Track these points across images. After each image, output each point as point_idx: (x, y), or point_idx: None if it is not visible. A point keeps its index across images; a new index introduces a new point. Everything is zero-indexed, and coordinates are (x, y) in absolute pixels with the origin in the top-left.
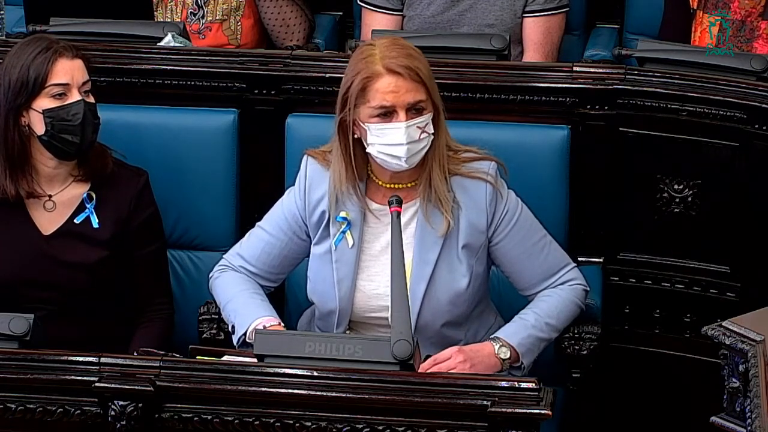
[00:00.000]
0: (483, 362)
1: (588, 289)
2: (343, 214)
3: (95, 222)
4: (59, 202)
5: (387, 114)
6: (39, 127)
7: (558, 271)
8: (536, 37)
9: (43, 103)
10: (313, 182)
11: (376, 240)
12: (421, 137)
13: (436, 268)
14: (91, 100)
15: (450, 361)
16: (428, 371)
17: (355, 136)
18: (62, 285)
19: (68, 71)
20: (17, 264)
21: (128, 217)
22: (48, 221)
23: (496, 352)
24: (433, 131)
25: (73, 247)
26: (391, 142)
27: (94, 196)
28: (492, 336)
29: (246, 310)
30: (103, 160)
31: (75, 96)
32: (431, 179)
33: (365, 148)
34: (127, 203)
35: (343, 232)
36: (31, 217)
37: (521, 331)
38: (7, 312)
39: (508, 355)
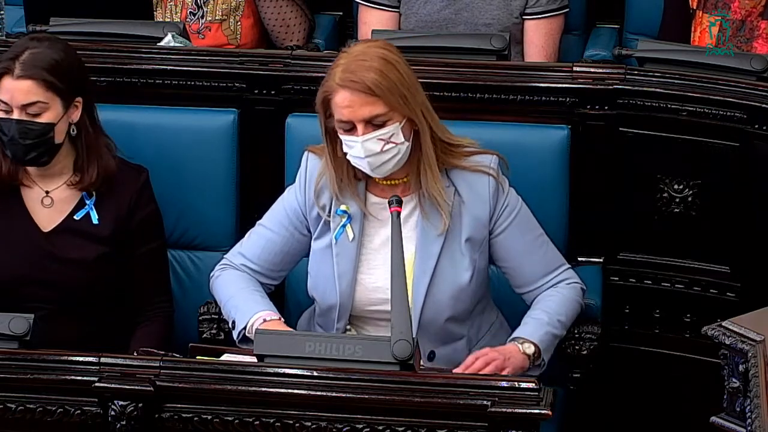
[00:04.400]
0: (514, 357)
1: (584, 288)
2: (343, 207)
3: (95, 218)
4: (57, 198)
5: (349, 129)
6: None
7: (555, 270)
8: (538, 40)
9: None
10: (312, 178)
11: (377, 233)
12: (386, 148)
13: (439, 262)
14: (43, 119)
15: (487, 357)
16: (468, 367)
17: None
18: (62, 283)
19: (8, 91)
20: (17, 262)
21: (129, 215)
22: (47, 218)
23: (522, 350)
24: (403, 140)
25: (73, 244)
26: (354, 155)
27: (93, 192)
28: (512, 338)
29: (246, 306)
30: (99, 174)
31: (14, 115)
32: (421, 182)
33: None
34: (127, 201)
35: (344, 225)
36: (30, 214)
37: (539, 329)
38: (6, 311)
39: (532, 350)
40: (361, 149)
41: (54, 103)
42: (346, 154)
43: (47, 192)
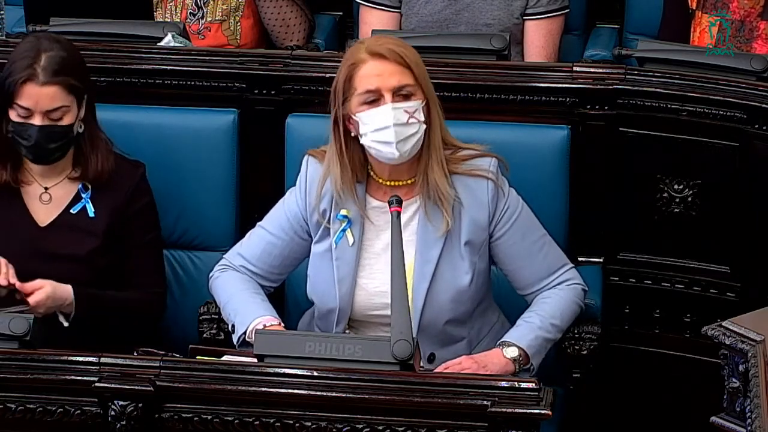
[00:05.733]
0: (494, 363)
1: (586, 289)
2: (343, 212)
3: (91, 211)
4: (55, 194)
5: (374, 100)
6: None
7: (556, 271)
8: (538, 41)
9: (13, 114)
10: (312, 182)
11: (378, 237)
12: (410, 122)
13: (439, 266)
14: (65, 122)
15: (461, 365)
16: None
17: (352, 134)
18: (60, 277)
19: (32, 97)
20: (14, 257)
21: (125, 207)
22: (44, 213)
23: (505, 353)
24: (423, 119)
25: (69, 237)
26: (379, 126)
27: (89, 186)
28: (499, 342)
29: (246, 310)
30: (103, 167)
31: (36, 120)
32: (428, 175)
33: (362, 146)
34: (124, 194)
35: (344, 230)
36: (28, 209)
37: (529, 333)
38: (6, 306)
39: (516, 354)
40: (390, 115)
41: (73, 105)
42: (360, 150)
43: (46, 188)
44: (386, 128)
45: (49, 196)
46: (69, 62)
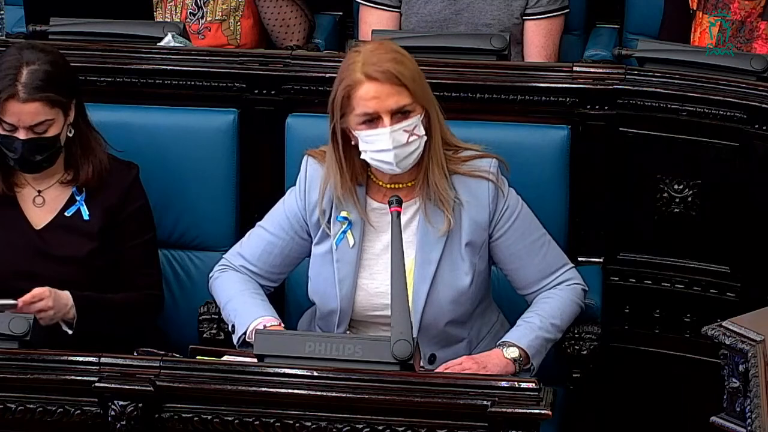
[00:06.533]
0: (495, 363)
1: (586, 288)
2: (343, 213)
3: (85, 214)
4: (49, 197)
5: (372, 120)
6: None
7: (556, 271)
8: (538, 41)
9: None
10: (312, 182)
11: (378, 238)
12: (410, 140)
13: (439, 267)
14: (50, 134)
15: (462, 366)
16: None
17: (353, 143)
18: (56, 279)
19: (15, 114)
20: (11, 258)
21: (119, 209)
22: (39, 215)
23: (505, 354)
24: (424, 133)
25: (64, 240)
26: (379, 148)
27: (83, 189)
28: (499, 342)
29: (246, 310)
30: (95, 170)
31: (20, 135)
32: (428, 178)
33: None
34: (117, 195)
35: (344, 231)
36: (23, 212)
37: (529, 334)
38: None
39: (516, 354)
40: (389, 140)
41: (58, 116)
42: (359, 154)
43: (39, 191)
44: (386, 151)
45: (42, 199)
46: (52, 75)
